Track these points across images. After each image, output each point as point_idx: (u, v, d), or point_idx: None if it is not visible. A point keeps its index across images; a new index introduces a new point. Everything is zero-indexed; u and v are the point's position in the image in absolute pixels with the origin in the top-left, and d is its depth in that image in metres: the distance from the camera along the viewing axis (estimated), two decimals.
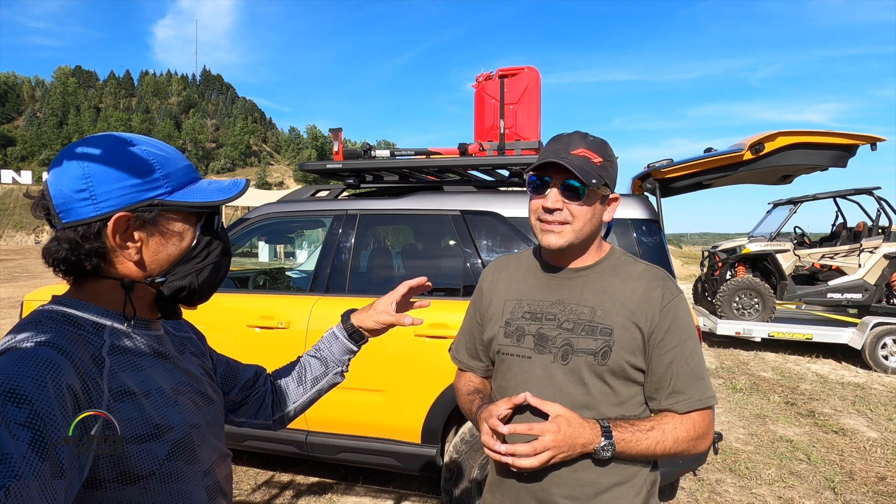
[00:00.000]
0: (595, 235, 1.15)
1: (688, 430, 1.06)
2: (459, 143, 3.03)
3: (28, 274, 17.44)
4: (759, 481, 3.59)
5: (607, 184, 1.10)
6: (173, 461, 0.78)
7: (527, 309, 1.17)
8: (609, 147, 1.13)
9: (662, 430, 1.05)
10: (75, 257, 0.76)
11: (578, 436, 1.00)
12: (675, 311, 1.09)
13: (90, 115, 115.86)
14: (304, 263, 8.43)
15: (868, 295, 7.44)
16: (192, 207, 0.82)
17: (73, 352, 0.70)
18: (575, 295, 1.14)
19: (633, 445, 1.03)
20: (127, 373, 0.77)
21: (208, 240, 0.85)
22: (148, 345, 0.83)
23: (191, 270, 0.83)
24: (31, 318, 0.75)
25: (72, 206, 0.75)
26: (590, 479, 1.06)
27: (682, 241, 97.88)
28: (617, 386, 1.08)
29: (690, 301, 9.05)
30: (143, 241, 0.79)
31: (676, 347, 1.07)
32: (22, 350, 0.67)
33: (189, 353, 0.97)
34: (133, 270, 0.80)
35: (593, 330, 1.09)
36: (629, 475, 1.09)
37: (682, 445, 1.06)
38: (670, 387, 1.07)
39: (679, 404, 1.07)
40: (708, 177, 4.07)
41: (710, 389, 1.09)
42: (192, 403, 0.86)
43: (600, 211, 1.13)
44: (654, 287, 1.10)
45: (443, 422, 2.65)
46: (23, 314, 3.37)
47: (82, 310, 0.78)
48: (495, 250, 2.80)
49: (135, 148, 0.79)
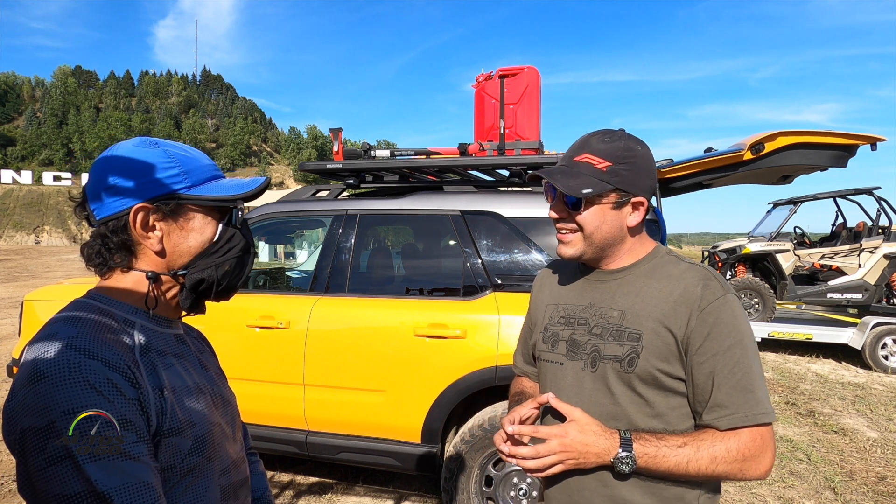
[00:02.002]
0: (617, 240, 1.07)
1: (729, 450, 0.93)
2: (459, 143, 3.03)
3: (28, 274, 17.44)
4: (759, 481, 3.59)
5: (619, 188, 1.02)
6: (194, 456, 0.80)
7: (562, 314, 1.14)
8: (632, 148, 1.03)
9: (697, 447, 0.93)
10: (106, 251, 0.82)
11: (591, 444, 0.94)
12: (717, 313, 0.97)
13: (90, 115, 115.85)
14: (304, 263, 8.43)
15: (868, 295, 7.43)
16: (210, 201, 0.86)
17: (114, 357, 0.73)
18: (606, 298, 1.08)
19: (658, 461, 0.93)
20: (156, 370, 0.80)
21: (230, 235, 0.89)
22: (171, 343, 0.87)
23: (211, 264, 0.87)
24: (69, 314, 0.77)
25: (103, 203, 0.82)
26: (621, 496, 0.99)
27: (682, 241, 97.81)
28: (650, 396, 1.00)
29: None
30: (164, 232, 0.84)
31: (718, 355, 0.96)
32: (70, 364, 0.69)
33: (208, 354, 1.01)
34: (157, 263, 0.85)
35: (620, 335, 1.02)
36: (669, 497, 0.99)
37: (724, 466, 0.93)
38: (711, 399, 0.96)
39: (720, 420, 0.95)
40: (708, 177, 4.06)
41: (762, 404, 0.95)
42: (212, 402, 0.88)
43: (616, 216, 1.04)
44: (692, 287, 1.00)
45: (443, 422, 2.64)
46: (23, 314, 3.37)
47: (115, 307, 0.82)
48: (495, 250, 2.81)
49: (158, 148, 0.85)
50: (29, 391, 0.67)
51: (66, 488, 0.64)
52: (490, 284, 2.72)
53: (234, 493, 0.90)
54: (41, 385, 0.66)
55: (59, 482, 0.64)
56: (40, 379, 0.66)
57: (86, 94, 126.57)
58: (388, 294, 2.98)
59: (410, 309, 2.76)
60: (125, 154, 0.83)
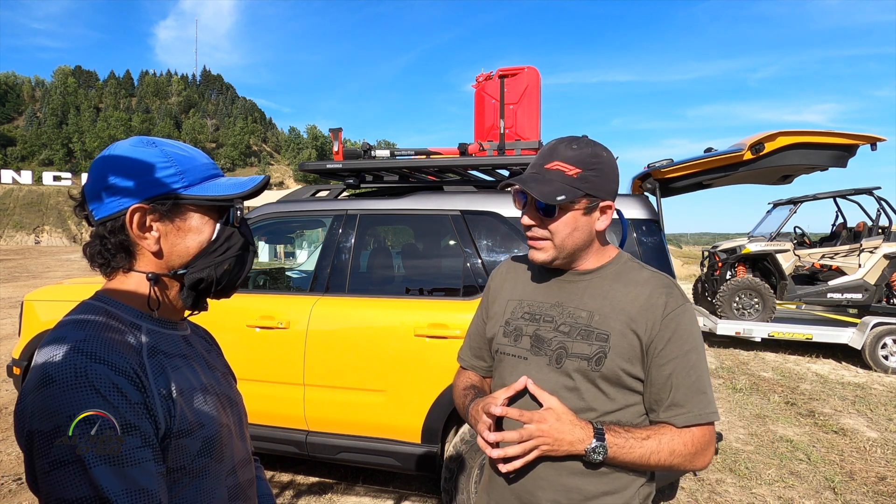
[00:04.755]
0: (586, 245, 1.12)
1: (685, 444, 1.02)
2: (459, 143, 3.03)
3: (28, 274, 17.45)
4: (759, 481, 3.60)
5: (589, 193, 1.06)
6: (202, 457, 0.80)
7: (527, 310, 1.17)
8: (598, 154, 1.08)
9: (659, 441, 1.01)
10: (106, 251, 0.82)
11: (566, 433, 0.98)
12: (678, 320, 1.05)
13: (90, 115, 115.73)
14: (304, 263, 8.43)
15: (868, 295, 7.44)
16: (206, 201, 0.85)
17: (120, 361, 0.73)
18: (575, 298, 1.12)
19: (626, 452, 1.00)
20: (164, 372, 0.80)
21: (228, 234, 0.88)
22: (178, 344, 0.87)
23: (210, 263, 0.86)
24: (78, 317, 0.78)
25: (101, 203, 0.81)
26: (576, 485, 1.04)
27: (681, 241, 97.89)
28: (612, 393, 1.06)
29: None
30: (161, 232, 0.84)
31: (677, 358, 1.04)
32: (77, 370, 0.69)
33: (215, 354, 1.01)
34: (156, 263, 0.84)
35: (589, 335, 1.07)
36: (619, 485, 1.05)
37: (678, 459, 1.02)
38: (669, 399, 1.04)
39: (677, 418, 1.03)
40: (708, 177, 4.07)
41: (712, 405, 1.05)
42: (219, 403, 0.88)
43: (587, 221, 1.09)
44: (657, 294, 1.07)
45: (443, 422, 2.65)
46: (23, 314, 3.37)
47: (121, 310, 0.82)
48: (495, 250, 2.81)
49: (155, 147, 0.84)
50: (37, 395, 0.68)
51: (68, 492, 0.65)
52: None
53: (242, 494, 0.90)
54: (48, 389, 0.67)
55: (62, 486, 0.65)
56: (48, 383, 0.68)
57: (86, 94, 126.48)
58: (388, 294, 2.98)
59: (410, 309, 2.76)
60: (122, 154, 0.82)
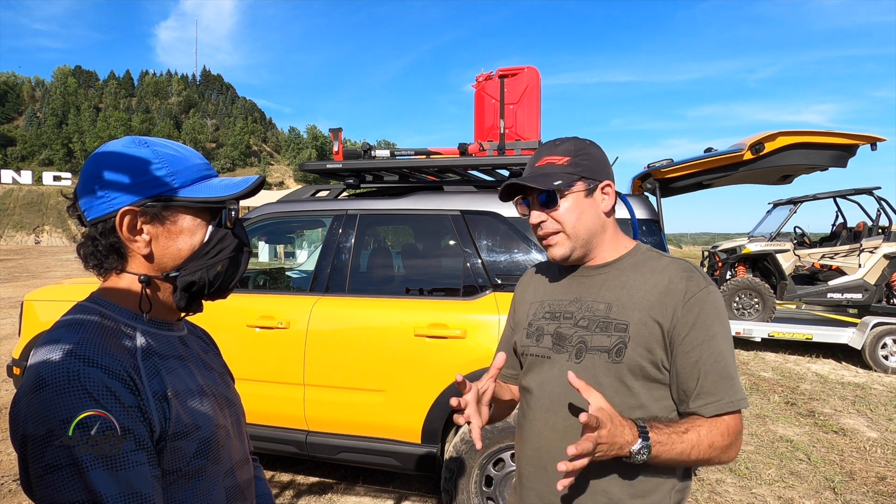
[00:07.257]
0: (599, 229, 1.10)
1: (722, 436, 0.96)
2: (459, 143, 3.03)
3: (28, 274, 17.44)
4: (759, 481, 3.59)
5: (584, 176, 1.07)
6: (199, 459, 0.80)
7: (547, 309, 1.15)
8: (582, 143, 1.11)
9: (698, 433, 0.95)
10: (98, 252, 0.81)
11: (619, 434, 0.88)
12: (701, 304, 0.99)
13: (90, 115, 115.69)
14: (304, 263, 8.43)
15: (868, 295, 7.43)
16: (198, 203, 0.83)
17: (114, 364, 0.73)
18: (593, 292, 1.09)
19: (667, 449, 0.92)
20: (159, 374, 0.79)
21: (221, 236, 0.86)
22: (174, 346, 0.86)
23: (202, 266, 0.85)
24: (72, 319, 0.77)
25: (92, 204, 0.80)
26: (601, 487, 0.99)
27: (681, 241, 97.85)
28: (636, 387, 1.01)
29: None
30: (152, 235, 0.82)
31: (703, 344, 0.98)
32: (73, 373, 0.69)
33: (212, 354, 1.00)
34: (147, 265, 0.83)
35: (607, 326, 1.03)
36: (647, 488, 1.00)
37: (716, 452, 0.96)
38: (698, 387, 0.98)
39: (707, 407, 0.97)
40: (708, 177, 4.07)
41: (741, 391, 0.99)
42: (216, 404, 0.87)
43: (591, 204, 1.09)
44: (677, 280, 1.02)
45: (443, 422, 2.64)
46: (23, 314, 3.37)
47: (115, 312, 0.81)
48: (495, 250, 2.81)
49: (146, 148, 0.83)
50: (30, 399, 0.68)
51: (62, 495, 0.65)
52: (490, 284, 2.72)
53: (240, 494, 0.89)
54: (42, 393, 0.67)
55: (56, 489, 0.65)
56: (41, 387, 0.67)
57: (86, 94, 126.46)
58: (388, 294, 2.98)
59: (410, 309, 2.76)
60: (113, 155, 0.81)
